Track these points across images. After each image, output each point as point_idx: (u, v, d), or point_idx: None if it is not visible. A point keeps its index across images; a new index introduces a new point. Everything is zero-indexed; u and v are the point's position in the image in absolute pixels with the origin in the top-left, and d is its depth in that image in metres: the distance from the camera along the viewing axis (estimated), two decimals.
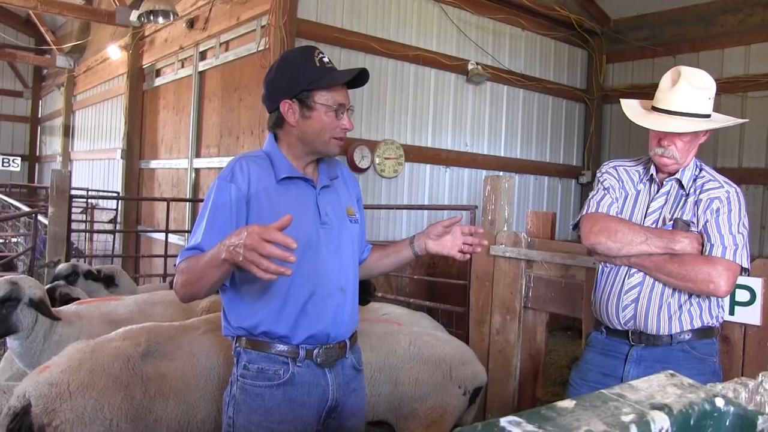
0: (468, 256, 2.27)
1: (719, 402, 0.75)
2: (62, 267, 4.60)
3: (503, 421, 0.64)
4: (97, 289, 4.64)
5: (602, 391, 0.76)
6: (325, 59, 2.11)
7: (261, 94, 2.22)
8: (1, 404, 2.63)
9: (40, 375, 2.35)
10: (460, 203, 8.37)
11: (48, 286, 4.06)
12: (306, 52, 2.14)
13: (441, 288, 6.45)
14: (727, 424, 0.74)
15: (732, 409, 0.74)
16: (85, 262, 9.47)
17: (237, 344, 2.14)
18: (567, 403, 0.71)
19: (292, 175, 2.13)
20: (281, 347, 2.08)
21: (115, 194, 10.73)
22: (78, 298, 3.99)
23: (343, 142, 2.18)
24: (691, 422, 0.72)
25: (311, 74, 2.07)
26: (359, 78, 2.15)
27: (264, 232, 1.69)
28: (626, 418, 0.69)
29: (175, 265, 2.05)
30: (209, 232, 2.01)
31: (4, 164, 10.16)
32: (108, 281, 4.80)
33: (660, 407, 0.72)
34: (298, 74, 2.10)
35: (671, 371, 0.84)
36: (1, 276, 3.44)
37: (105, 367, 2.43)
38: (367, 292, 3.27)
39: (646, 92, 3.07)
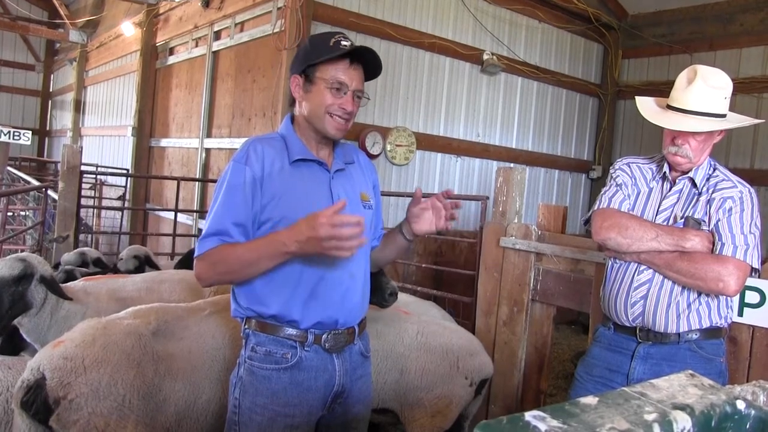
0: (451, 223, 2.23)
1: (740, 404, 0.75)
2: (70, 257, 4.57)
3: (528, 416, 0.65)
4: None
5: (624, 389, 0.77)
6: (343, 42, 2.08)
7: (279, 76, 2.23)
8: (6, 379, 2.64)
9: (55, 349, 2.35)
10: (470, 193, 8.36)
11: (63, 268, 4.08)
12: (326, 34, 2.15)
13: (447, 277, 6.44)
14: (748, 426, 0.75)
15: (753, 412, 0.75)
16: (92, 237, 9.57)
17: (246, 326, 2.15)
18: (590, 400, 0.72)
19: (306, 157, 2.13)
20: (290, 331, 2.08)
21: (125, 171, 10.75)
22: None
23: (343, 125, 2.13)
24: (713, 423, 0.73)
25: (319, 51, 2.08)
26: (372, 66, 2.15)
27: (331, 220, 1.84)
28: (649, 417, 0.70)
29: (195, 256, 2.05)
30: (225, 216, 2.03)
31: (15, 137, 10.17)
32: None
33: (682, 407, 0.72)
34: (307, 51, 2.13)
35: (691, 371, 0.85)
36: (9, 252, 3.46)
37: (118, 343, 2.44)
38: (381, 296, 2.90)
39: (660, 89, 3.05)
